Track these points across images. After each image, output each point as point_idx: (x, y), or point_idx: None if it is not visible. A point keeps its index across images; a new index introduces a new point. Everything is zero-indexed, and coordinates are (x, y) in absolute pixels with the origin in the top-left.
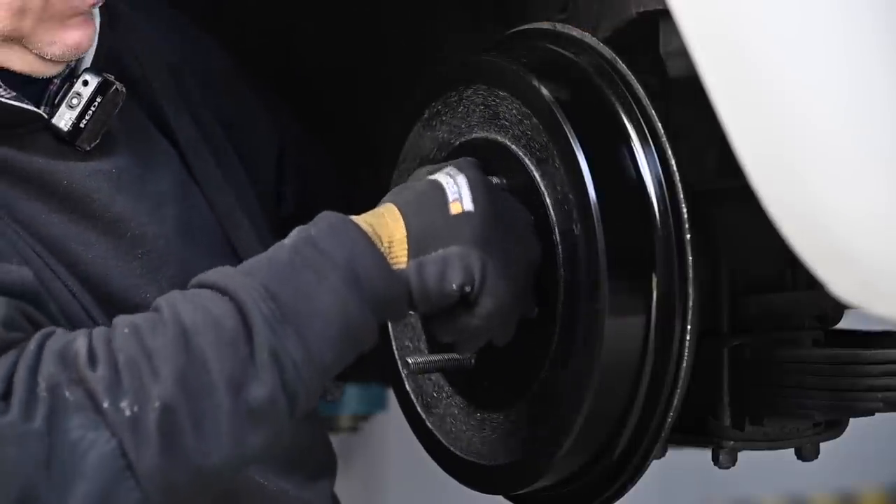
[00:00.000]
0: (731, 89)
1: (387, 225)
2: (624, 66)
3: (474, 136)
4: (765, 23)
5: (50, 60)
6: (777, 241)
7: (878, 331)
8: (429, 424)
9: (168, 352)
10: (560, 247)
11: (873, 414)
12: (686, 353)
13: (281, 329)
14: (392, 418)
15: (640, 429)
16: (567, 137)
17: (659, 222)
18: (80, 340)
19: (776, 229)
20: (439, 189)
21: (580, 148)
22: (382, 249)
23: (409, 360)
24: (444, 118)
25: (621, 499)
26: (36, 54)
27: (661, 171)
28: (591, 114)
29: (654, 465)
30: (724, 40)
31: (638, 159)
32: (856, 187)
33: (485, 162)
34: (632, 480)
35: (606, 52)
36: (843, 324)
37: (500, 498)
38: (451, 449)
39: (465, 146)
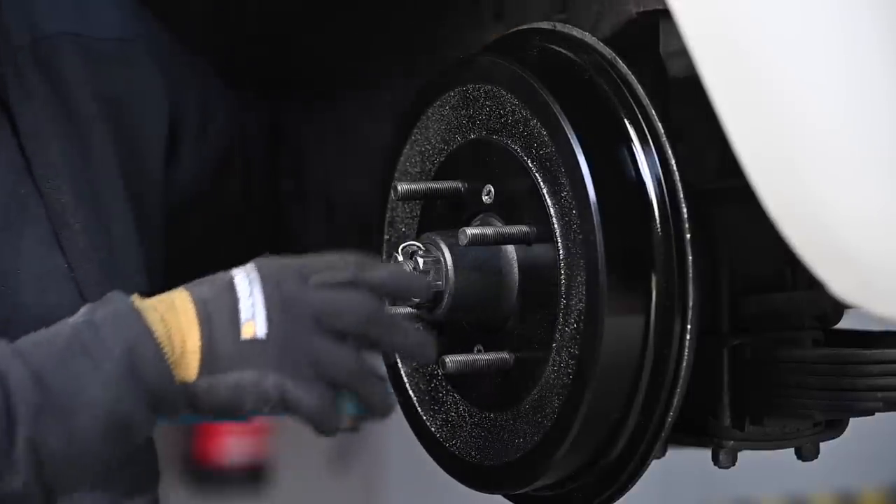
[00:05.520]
0: (731, 89)
1: (181, 328)
2: (624, 66)
3: (474, 136)
4: (765, 22)
5: None
6: (777, 241)
7: (878, 331)
8: (428, 424)
9: None
10: (560, 247)
11: (873, 414)
12: (686, 353)
13: (44, 419)
14: (392, 418)
15: (640, 428)
16: (567, 137)
17: (659, 222)
18: None
19: (776, 229)
20: (233, 302)
21: (580, 148)
22: (171, 357)
23: (447, 360)
24: (443, 118)
25: (621, 498)
26: None
27: (661, 171)
28: (591, 114)
29: (654, 465)
30: (724, 40)
31: (638, 159)
32: (855, 187)
33: (485, 163)
34: (632, 480)
35: (606, 52)
36: (843, 324)
37: (500, 498)
38: (451, 448)
39: (464, 147)
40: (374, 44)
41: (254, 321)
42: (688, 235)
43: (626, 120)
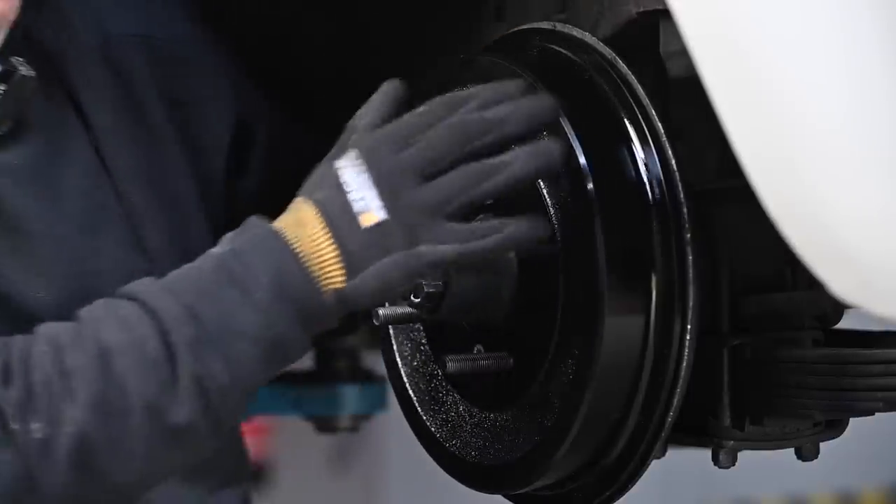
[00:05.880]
0: (731, 89)
1: (314, 240)
2: (624, 66)
3: None
4: (765, 22)
5: None
6: (777, 241)
7: (878, 331)
8: (428, 424)
9: (86, 372)
10: (560, 246)
11: (873, 414)
12: (686, 353)
13: (204, 352)
14: (392, 418)
15: (640, 428)
16: (567, 137)
17: (659, 222)
18: None
19: (776, 229)
20: (345, 198)
21: (580, 148)
22: (316, 269)
23: (447, 360)
24: None
25: (621, 498)
26: None
27: (661, 171)
28: (591, 114)
29: (654, 465)
30: (724, 40)
31: (638, 159)
32: (855, 187)
33: None
34: (632, 480)
35: (606, 52)
36: (843, 324)
37: (500, 498)
38: (451, 448)
39: None
40: (371, 45)
41: (369, 209)
42: (688, 235)
43: (626, 120)
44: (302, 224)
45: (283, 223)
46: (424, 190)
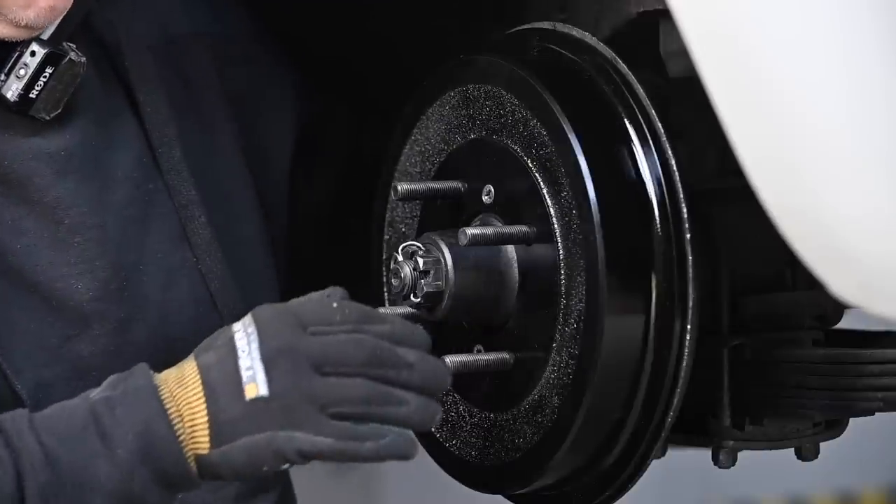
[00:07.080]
0: (731, 89)
1: (189, 402)
2: (624, 66)
3: (474, 136)
4: (765, 22)
5: (25, 27)
6: (777, 241)
7: (877, 331)
8: None
9: None
10: (560, 247)
11: (873, 414)
12: (686, 353)
13: (54, 500)
14: None
15: (641, 428)
16: (567, 137)
17: (659, 222)
18: None
19: (776, 229)
20: (234, 364)
21: (580, 148)
22: (183, 435)
23: (447, 360)
24: (443, 118)
25: (621, 498)
26: (10, 21)
27: (661, 171)
28: (591, 114)
29: (654, 465)
30: (724, 40)
31: (638, 159)
32: (856, 187)
33: (485, 163)
34: (631, 480)
35: (606, 52)
36: (843, 324)
37: (500, 498)
38: (451, 448)
39: (464, 147)
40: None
41: (255, 381)
42: (688, 235)
43: (626, 120)
44: (182, 384)
45: (166, 378)
46: (316, 381)
